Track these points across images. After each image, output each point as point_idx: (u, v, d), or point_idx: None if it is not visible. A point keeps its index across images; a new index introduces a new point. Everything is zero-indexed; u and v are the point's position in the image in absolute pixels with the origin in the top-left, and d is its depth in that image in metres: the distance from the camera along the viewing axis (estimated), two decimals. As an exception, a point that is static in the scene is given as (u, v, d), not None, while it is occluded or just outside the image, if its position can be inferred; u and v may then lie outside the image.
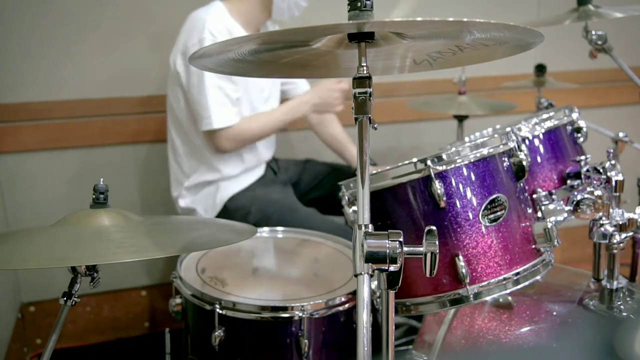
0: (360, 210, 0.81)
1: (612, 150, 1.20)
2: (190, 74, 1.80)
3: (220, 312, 1.25)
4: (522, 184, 1.18)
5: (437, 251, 0.81)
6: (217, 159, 1.91)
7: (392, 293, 0.83)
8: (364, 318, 0.73)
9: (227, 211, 1.91)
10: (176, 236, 1.03)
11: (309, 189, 2.10)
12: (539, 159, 1.34)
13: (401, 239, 0.78)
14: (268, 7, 1.88)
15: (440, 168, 1.10)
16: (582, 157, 1.29)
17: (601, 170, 1.18)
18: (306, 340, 1.24)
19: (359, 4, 0.81)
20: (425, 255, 0.81)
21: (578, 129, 1.42)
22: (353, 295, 1.30)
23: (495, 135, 1.16)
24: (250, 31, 1.91)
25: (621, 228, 1.17)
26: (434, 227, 0.82)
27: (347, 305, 1.30)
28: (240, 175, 1.96)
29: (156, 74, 2.15)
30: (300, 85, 2.13)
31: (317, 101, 1.93)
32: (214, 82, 1.78)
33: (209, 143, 1.86)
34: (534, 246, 1.15)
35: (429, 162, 1.09)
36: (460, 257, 1.09)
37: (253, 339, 1.29)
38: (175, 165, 1.98)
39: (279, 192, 2.00)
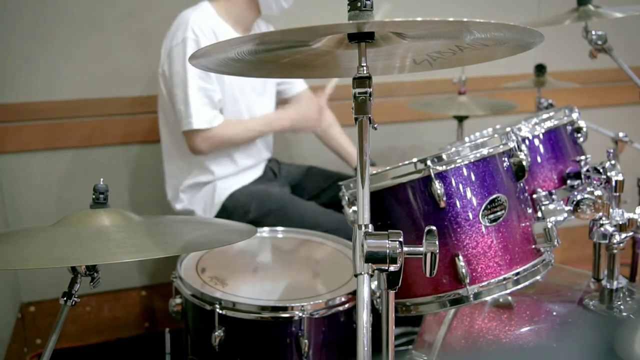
0: (360, 210, 0.81)
1: (612, 150, 1.20)
2: (173, 74, 1.80)
3: (220, 312, 1.25)
4: (522, 184, 1.18)
5: (437, 251, 0.81)
6: (207, 160, 1.91)
7: (392, 293, 0.84)
8: (364, 318, 0.73)
9: (226, 210, 1.90)
10: (176, 236, 1.03)
11: (310, 197, 2.09)
12: (539, 159, 1.34)
13: (401, 239, 0.78)
14: (255, 4, 1.88)
15: (440, 168, 1.09)
16: (582, 157, 1.29)
17: (601, 170, 1.18)
18: (306, 340, 1.24)
19: (359, 4, 0.81)
20: (425, 255, 0.81)
21: (578, 129, 1.42)
22: (353, 295, 1.30)
23: (495, 135, 1.16)
24: (240, 30, 1.91)
25: (621, 228, 1.17)
26: (434, 227, 0.83)
27: (347, 305, 1.30)
28: (236, 174, 1.96)
29: (154, 73, 2.15)
30: (296, 85, 2.12)
31: (296, 117, 1.95)
32: (196, 83, 1.77)
33: (187, 143, 1.85)
34: (534, 246, 1.15)
35: (429, 162, 1.09)
36: (460, 257, 1.09)
37: (253, 339, 1.29)
38: (168, 167, 1.98)
39: (277, 189, 2.00)
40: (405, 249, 0.79)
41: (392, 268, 0.78)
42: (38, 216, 2.15)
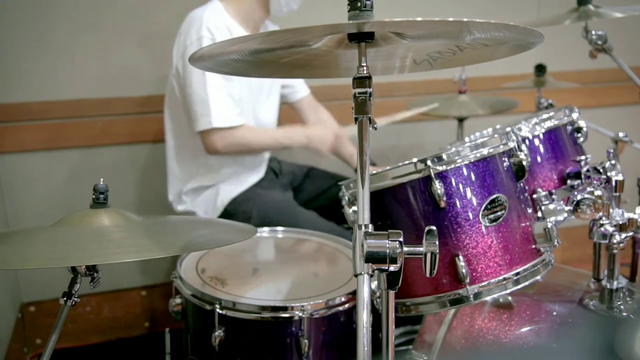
0: (360, 210, 0.81)
1: (612, 150, 1.20)
2: (190, 73, 1.78)
3: (220, 312, 1.25)
4: (522, 184, 1.18)
5: (437, 251, 0.81)
6: (212, 160, 1.90)
7: (392, 293, 0.83)
8: (364, 318, 0.73)
9: (228, 215, 1.90)
10: (176, 236, 1.03)
11: (311, 198, 2.09)
12: (539, 159, 1.34)
13: (401, 239, 0.78)
14: (265, 4, 1.87)
15: (440, 168, 1.09)
16: (582, 157, 1.29)
17: (601, 170, 1.18)
18: (306, 340, 1.24)
19: (359, 4, 0.81)
20: (425, 255, 0.81)
21: (578, 129, 1.42)
22: (353, 295, 1.30)
23: (495, 135, 1.16)
24: (249, 30, 1.91)
25: (621, 228, 1.17)
26: (434, 227, 0.82)
27: (347, 305, 1.30)
28: (239, 175, 1.96)
29: (156, 74, 2.16)
30: (300, 90, 2.12)
31: (313, 137, 1.94)
32: (217, 81, 1.77)
33: (203, 143, 1.83)
34: (534, 246, 1.15)
35: (429, 162, 1.09)
36: (460, 257, 1.09)
37: (253, 339, 1.29)
38: (172, 168, 1.97)
39: (279, 194, 1.99)
40: (405, 249, 0.79)
41: (392, 268, 0.78)
42: (38, 216, 2.15)
